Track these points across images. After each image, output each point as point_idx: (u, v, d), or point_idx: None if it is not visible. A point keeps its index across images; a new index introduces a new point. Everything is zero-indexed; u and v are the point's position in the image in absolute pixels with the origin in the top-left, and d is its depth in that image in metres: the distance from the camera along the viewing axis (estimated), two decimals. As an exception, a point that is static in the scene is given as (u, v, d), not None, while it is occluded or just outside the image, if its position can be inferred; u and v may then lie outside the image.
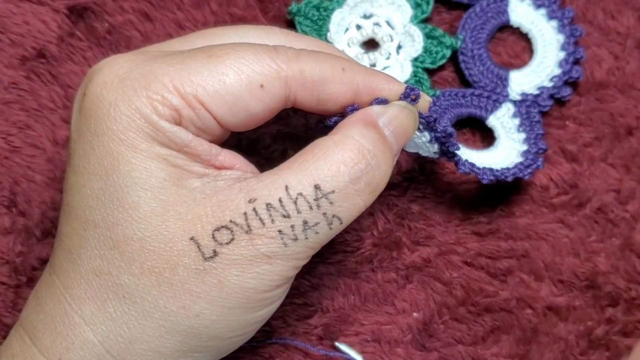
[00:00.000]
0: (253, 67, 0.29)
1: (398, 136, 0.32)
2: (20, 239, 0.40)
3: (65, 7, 0.42)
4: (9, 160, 0.41)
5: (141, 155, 0.29)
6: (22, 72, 0.42)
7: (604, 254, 0.41)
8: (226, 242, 0.29)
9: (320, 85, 0.31)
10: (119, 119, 0.29)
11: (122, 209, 0.29)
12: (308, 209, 0.29)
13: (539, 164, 0.39)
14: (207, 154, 0.30)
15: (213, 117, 0.30)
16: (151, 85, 0.29)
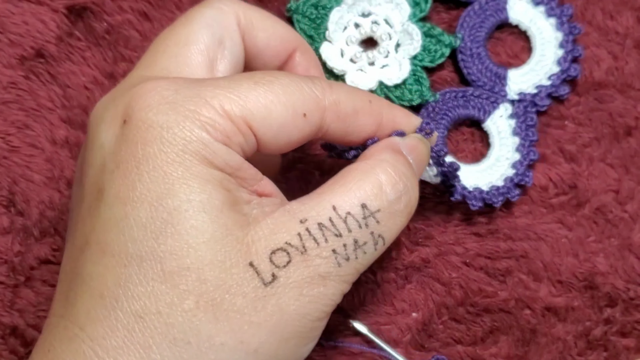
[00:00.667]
0: (297, 96, 0.29)
1: (418, 165, 0.33)
2: (19, 239, 0.40)
3: (64, 7, 0.42)
4: (8, 160, 0.41)
5: (199, 177, 0.27)
6: (20, 72, 0.42)
7: (602, 254, 0.41)
8: (283, 265, 0.28)
9: (352, 117, 0.31)
10: (174, 141, 0.27)
11: (177, 236, 0.26)
12: (358, 228, 0.29)
13: (528, 180, 0.40)
14: (254, 179, 0.29)
15: (257, 142, 0.29)
16: (202, 109, 0.27)
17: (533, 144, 0.41)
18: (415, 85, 0.41)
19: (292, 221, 0.28)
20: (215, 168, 0.28)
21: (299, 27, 0.41)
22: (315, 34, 0.41)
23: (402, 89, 0.41)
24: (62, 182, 0.41)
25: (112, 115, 0.29)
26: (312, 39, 0.41)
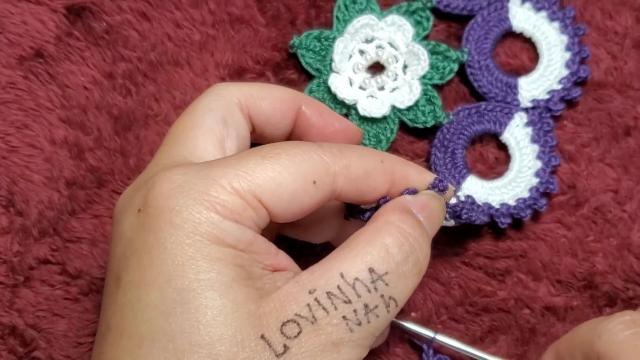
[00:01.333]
0: (306, 165, 0.30)
1: (430, 222, 0.32)
2: (18, 239, 0.40)
3: (63, 7, 0.42)
4: (7, 159, 0.41)
5: (209, 257, 0.28)
6: (19, 72, 0.42)
7: (601, 254, 0.41)
8: (294, 335, 0.28)
9: (364, 179, 0.31)
10: (184, 224, 0.28)
11: (187, 314, 0.27)
12: (367, 292, 0.29)
13: (553, 188, 0.40)
14: (267, 252, 0.30)
15: (269, 214, 0.29)
16: (210, 189, 0.28)
17: (553, 149, 0.41)
18: (428, 106, 0.41)
19: (301, 292, 0.28)
20: (226, 246, 0.28)
21: (304, 62, 0.41)
22: (322, 66, 0.41)
23: (415, 111, 0.41)
24: (61, 182, 0.41)
25: (132, 205, 0.30)
26: (319, 71, 0.41)
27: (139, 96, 0.42)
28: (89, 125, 0.41)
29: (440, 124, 0.41)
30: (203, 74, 0.42)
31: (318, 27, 0.43)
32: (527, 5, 0.43)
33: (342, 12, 0.42)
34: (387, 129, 0.41)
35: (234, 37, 0.42)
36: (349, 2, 0.42)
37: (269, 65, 0.42)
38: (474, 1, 0.42)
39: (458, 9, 0.42)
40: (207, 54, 0.42)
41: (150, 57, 0.42)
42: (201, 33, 0.42)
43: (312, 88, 0.41)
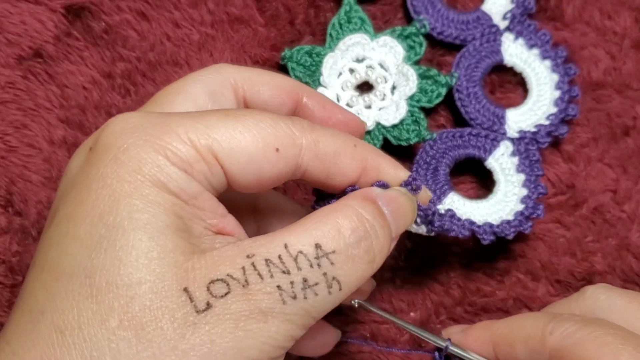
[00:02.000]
0: (270, 130, 0.29)
1: (397, 218, 0.31)
2: (17, 239, 0.40)
3: (62, 7, 0.42)
4: (6, 159, 0.41)
5: (146, 198, 0.26)
6: (18, 72, 0.42)
7: (600, 254, 0.41)
8: (221, 295, 0.26)
9: (332, 158, 0.31)
10: (128, 162, 0.27)
11: (111, 251, 0.26)
12: (308, 267, 0.28)
13: (539, 213, 0.39)
14: (213, 212, 0.29)
15: (224, 174, 0.29)
16: (164, 135, 0.27)
17: (539, 178, 0.40)
18: (412, 125, 0.41)
19: (238, 255, 0.27)
20: (167, 192, 0.27)
21: (294, 75, 0.41)
22: (311, 80, 0.41)
23: (400, 129, 0.41)
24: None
25: (86, 145, 0.29)
26: (308, 85, 0.41)
27: (137, 96, 0.42)
28: (87, 125, 0.41)
29: (423, 140, 0.40)
30: (202, 74, 0.42)
31: (317, 26, 0.43)
32: (520, 41, 0.42)
33: (336, 30, 0.42)
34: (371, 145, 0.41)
35: (233, 37, 0.42)
36: (344, 21, 0.42)
37: (267, 65, 0.42)
38: (467, 31, 0.42)
39: (451, 37, 0.42)
40: (206, 53, 0.42)
41: (149, 57, 0.42)
42: (200, 33, 0.42)
43: None
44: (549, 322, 0.32)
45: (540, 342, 0.31)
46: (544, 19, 0.43)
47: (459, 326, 0.38)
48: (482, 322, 0.37)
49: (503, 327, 0.34)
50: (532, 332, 0.32)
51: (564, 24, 0.43)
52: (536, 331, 0.32)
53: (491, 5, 0.43)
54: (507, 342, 0.33)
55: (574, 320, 0.31)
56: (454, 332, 0.37)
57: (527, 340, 0.32)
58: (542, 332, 0.31)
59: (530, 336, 0.32)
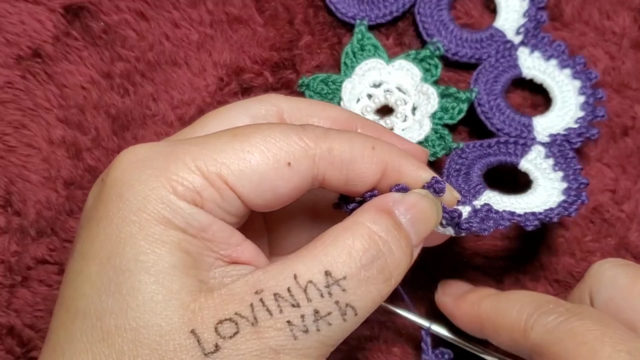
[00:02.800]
0: (280, 145, 0.28)
1: (417, 225, 0.30)
2: (16, 239, 0.40)
3: (61, 7, 0.42)
4: (4, 159, 0.41)
5: (152, 238, 0.26)
6: (17, 72, 0.42)
7: (599, 253, 0.41)
8: (230, 335, 0.26)
9: (349, 165, 0.29)
10: (133, 199, 0.26)
11: (118, 295, 0.26)
12: (319, 297, 0.27)
13: (584, 199, 0.37)
14: (226, 242, 0.28)
15: (238, 197, 0.28)
16: (171, 166, 0.27)
17: (578, 171, 0.39)
18: (437, 141, 0.40)
19: (247, 292, 0.27)
20: (174, 228, 0.27)
21: None
22: None
23: (425, 145, 0.40)
24: (59, 182, 0.41)
25: (101, 176, 0.29)
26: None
27: (136, 96, 0.42)
28: (86, 125, 0.41)
29: (450, 150, 0.40)
30: (201, 74, 0.42)
31: (316, 26, 0.43)
32: (537, 54, 0.42)
33: (350, 58, 0.41)
34: None
35: (232, 37, 0.42)
36: (357, 49, 0.41)
37: (267, 65, 0.42)
38: (482, 50, 0.42)
39: (466, 57, 0.42)
40: (205, 53, 0.42)
41: (148, 57, 0.42)
42: (199, 33, 0.42)
43: None
44: (532, 314, 0.31)
45: (521, 334, 0.31)
46: (543, 18, 0.43)
47: (453, 286, 0.37)
48: (472, 295, 0.35)
49: (490, 310, 0.33)
50: (515, 323, 0.31)
51: (563, 24, 0.43)
52: (519, 323, 0.31)
53: (504, 22, 0.42)
54: (493, 327, 0.33)
55: (557, 313, 0.30)
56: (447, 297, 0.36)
57: (511, 330, 0.31)
58: (525, 326, 0.31)
59: (513, 327, 0.31)
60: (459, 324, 0.35)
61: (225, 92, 0.42)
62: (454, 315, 0.35)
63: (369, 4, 0.42)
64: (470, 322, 0.34)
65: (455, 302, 0.35)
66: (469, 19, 0.44)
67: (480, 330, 0.33)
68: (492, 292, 0.34)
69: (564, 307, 0.31)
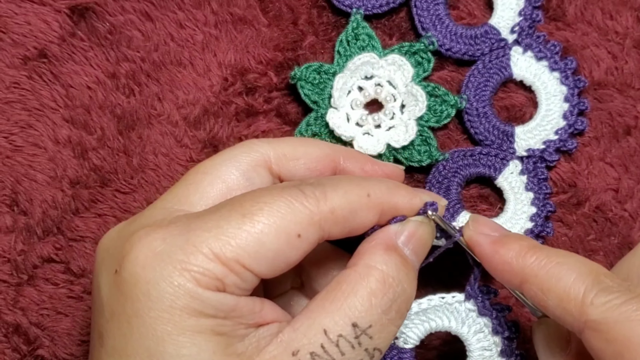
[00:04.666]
0: (289, 219, 0.29)
1: (418, 251, 0.32)
2: (22, 238, 0.40)
3: (67, 7, 0.42)
4: (11, 159, 0.41)
5: (188, 331, 0.27)
6: (23, 72, 0.42)
7: (602, 252, 0.41)
8: None
9: (350, 218, 0.31)
10: (162, 297, 0.27)
11: None
12: (351, 349, 0.29)
13: (549, 231, 0.40)
14: (252, 313, 0.29)
15: (255, 275, 0.29)
16: (190, 258, 0.28)
17: (548, 196, 0.41)
18: (423, 146, 0.41)
19: (284, 354, 0.28)
20: (206, 317, 0.28)
21: (303, 93, 0.41)
22: (320, 99, 0.41)
23: (411, 150, 0.41)
24: (65, 181, 0.41)
25: (110, 261, 0.30)
26: (317, 104, 0.41)
27: (142, 96, 0.42)
28: (92, 125, 0.42)
29: (436, 161, 0.41)
30: (206, 74, 0.42)
31: (320, 26, 0.43)
32: (529, 53, 0.42)
33: (344, 47, 0.41)
34: None
35: (237, 38, 0.43)
36: (351, 38, 0.41)
37: (271, 65, 0.43)
38: (476, 47, 0.42)
39: (460, 53, 0.42)
40: (210, 54, 0.42)
41: (153, 57, 0.42)
42: (204, 33, 0.43)
43: (310, 121, 0.41)
44: (591, 288, 0.30)
45: (577, 307, 0.30)
46: (546, 18, 0.43)
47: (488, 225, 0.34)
48: (513, 243, 0.33)
49: (538, 268, 0.31)
50: (571, 293, 0.30)
51: (566, 24, 0.43)
52: (576, 294, 0.30)
53: (499, 19, 0.42)
54: (540, 288, 0.31)
55: (618, 292, 0.29)
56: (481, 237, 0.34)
57: (564, 298, 0.30)
58: (583, 299, 0.29)
59: (568, 296, 0.30)
60: (493, 271, 0.33)
61: (230, 92, 0.42)
62: (490, 260, 0.33)
63: None
64: (509, 273, 0.32)
65: (493, 245, 0.33)
66: (472, 19, 0.44)
67: (519, 284, 0.32)
68: (535, 244, 0.32)
69: (624, 285, 0.30)
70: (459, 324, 0.37)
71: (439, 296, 0.37)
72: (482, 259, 0.34)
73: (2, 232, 0.40)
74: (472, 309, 0.37)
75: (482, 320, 0.37)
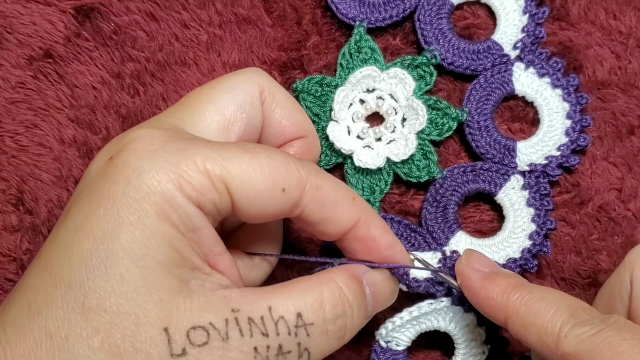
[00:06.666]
0: (281, 170, 0.30)
1: (375, 300, 0.33)
2: (27, 237, 0.41)
3: (72, 8, 0.42)
4: (16, 159, 0.41)
5: (147, 230, 0.28)
6: (29, 72, 0.42)
7: (605, 252, 0.41)
8: (199, 344, 0.27)
9: (330, 206, 0.32)
10: (140, 187, 0.28)
11: (106, 277, 0.27)
12: (286, 334, 0.29)
13: (546, 250, 0.40)
14: (210, 248, 0.30)
15: (231, 205, 0.30)
16: (182, 163, 0.28)
17: (549, 213, 0.40)
18: (423, 161, 0.40)
19: (224, 306, 0.28)
20: (169, 224, 0.28)
21: (304, 105, 0.41)
22: (321, 111, 0.41)
23: (410, 165, 0.40)
24: (70, 180, 0.41)
25: (108, 149, 0.30)
26: (318, 117, 0.41)
27: (146, 96, 0.42)
28: (97, 125, 0.42)
29: (434, 178, 0.41)
30: (210, 74, 0.42)
31: (323, 26, 0.43)
32: (531, 69, 0.42)
33: (347, 59, 0.41)
34: (382, 181, 0.41)
35: (241, 38, 0.43)
36: (354, 50, 0.41)
37: (275, 65, 0.43)
38: (478, 61, 0.42)
39: (462, 67, 0.42)
40: (214, 54, 0.43)
41: (157, 57, 0.42)
42: (208, 33, 0.43)
43: None
44: (567, 322, 0.31)
45: (554, 342, 0.31)
46: (549, 18, 0.43)
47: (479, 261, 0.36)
48: (500, 280, 0.34)
49: (520, 305, 0.33)
50: (549, 328, 0.31)
51: (569, 24, 0.43)
52: (553, 329, 0.31)
53: (502, 35, 0.42)
54: (521, 324, 0.32)
55: (592, 324, 0.30)
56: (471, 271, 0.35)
57: (542, 333, 0.31)
58: (558, 333, 0.31)
59: (546, 331, 0.31)
60: (479, 305, 0.35)
61: (234, 92, 0.42)
62: (477, 294, 0.34)
63: (369, 7, 0.42)
64: (494, 308, 0.34)
65: (482, 281, 0.35)
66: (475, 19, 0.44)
67: (504, 320, 0.33)
68: (521, 282, 0.34)
69: (598, 318, 0.31)
70: (448, 322, 0.39)
71: (428, 302, 0.38)
72: (469, 292, 0.35)
73: (8, 231, 0.41)
74: (459, 309, 0.38)
75: (468, 316, 0.38)
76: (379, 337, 0.39)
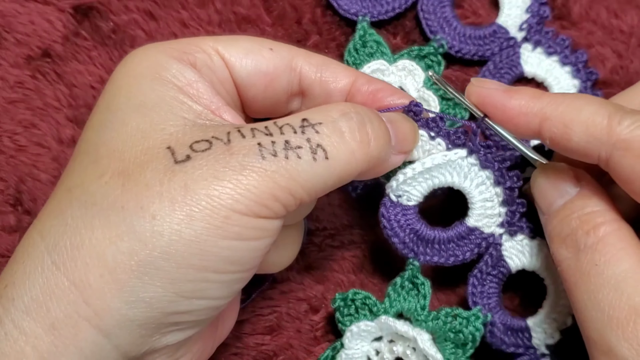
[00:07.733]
0: (264, 39, 0.34)
1: (397, 134, 0.33)
2: (26, 237, 0.41)
3: (71, 7, 0.42)
4: (15, 158, 0.41)
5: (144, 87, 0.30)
6: (27, 71, 0.42)
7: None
8: (202, 149, 0.29)
9: (324, 65, 0.34)
10: (141, 61, 0.31)
11: (111, 128, 0.30)
12: (292, 133, 0.29)
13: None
14: (210, 99, 0.31)
15: (225, 64, 0.33)
16: (175, 44, 0.33)
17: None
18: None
19: (227, 127, 0.30)
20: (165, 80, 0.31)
21: None
22: None
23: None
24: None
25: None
26: None
27: (145, 95, 0.42)
28: (96, 125, 0.42)
29: None
30: (209, 73, 0.42)
31: (323, 25, 0.43)
32: (539, 50, 0.42)
33: (353, 55, 0.41)
34: None
35: (240, 37, 0.43)
36: (359, 45, 0.41)
37: (275, 65, 0.42)
38: (485, 47, 0.42)
39: (470, 54, 0.42)
40: (214, 53, 0.42)
41: (157, 56, 0.42)
42: (207, 32, 0.43)
43: None
44: (615, 113, 0.29)
45: (605, 130, 0.29)
46: (551, 17, 0.43)
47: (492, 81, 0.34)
48: (528, 90, 0.32)
49: (558, 103, 0.31)
50: (596, 119, 0.30)
51: (571, 23, 0.43)
52: (601, 119, 0.29)
53: (506, 18, 0.42)
54: (562, 122, 0.30)
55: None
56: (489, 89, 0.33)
57: (589, 124, 0.30)
58: (609, 122, 0.29)
59: (593, 122, 0.30)
60: (507, 117, 0.32)
61: (234, 92, 0.42)
62: (505, 106, 0.32)
63: (371, 1, 0.42)
64: (527, 115, 0.32)
65: (507, 93, 0.33)
66: (477, 18, 0.44)
67: (539, 124, 0.31)
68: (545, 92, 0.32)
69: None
70: (462, 178, 0.36)
71: (442, 154, 0.36)
72: (495, 108, 0.33)
73: (6, 231, 0.40)
74: (474, 163, 0.36)
75: (484, 173, 0.36)
76: (389, 190, 0.36)
